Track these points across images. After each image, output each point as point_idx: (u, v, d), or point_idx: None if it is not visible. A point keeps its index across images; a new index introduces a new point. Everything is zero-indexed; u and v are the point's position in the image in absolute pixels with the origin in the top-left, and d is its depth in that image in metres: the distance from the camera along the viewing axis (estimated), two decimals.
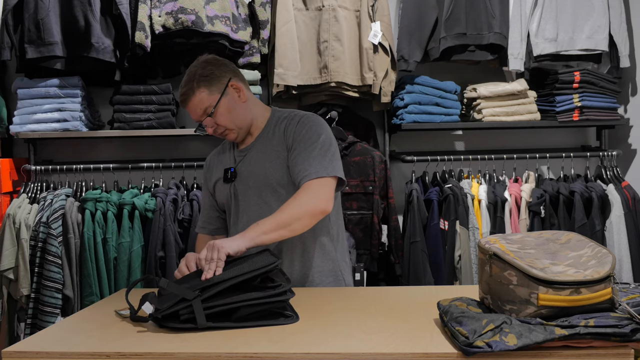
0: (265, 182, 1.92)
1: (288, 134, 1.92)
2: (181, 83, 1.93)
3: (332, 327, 1.46)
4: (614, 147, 3.26)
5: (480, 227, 2.92)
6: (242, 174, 1.97)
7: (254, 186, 1.94)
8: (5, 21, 2.84)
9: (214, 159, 2.10)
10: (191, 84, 1.88)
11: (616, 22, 3.13)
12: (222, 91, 1.90)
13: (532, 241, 1.46)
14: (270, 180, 1.92)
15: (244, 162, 1.98)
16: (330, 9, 2.98)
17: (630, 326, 1.22)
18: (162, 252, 2.74)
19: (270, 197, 1.92)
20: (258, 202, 1.93)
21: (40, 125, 2.93)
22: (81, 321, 1.61)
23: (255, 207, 1.93)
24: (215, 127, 1.93)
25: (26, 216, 2.76)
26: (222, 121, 1.91)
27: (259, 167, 1.94)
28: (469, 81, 3.22)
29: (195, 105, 1.89)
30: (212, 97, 1.89)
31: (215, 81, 1.90)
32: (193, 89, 1.88)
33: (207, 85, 1.88)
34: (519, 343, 1.20)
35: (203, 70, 1.90)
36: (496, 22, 3.07)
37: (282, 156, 1.92)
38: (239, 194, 1.96)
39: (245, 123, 1.96)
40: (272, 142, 1.95)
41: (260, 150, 1.96)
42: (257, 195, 1.93)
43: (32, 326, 2.69)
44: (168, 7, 2.80)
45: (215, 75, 1.90)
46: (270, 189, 1.92)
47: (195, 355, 1.29)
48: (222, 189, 2.01)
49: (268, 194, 1.92)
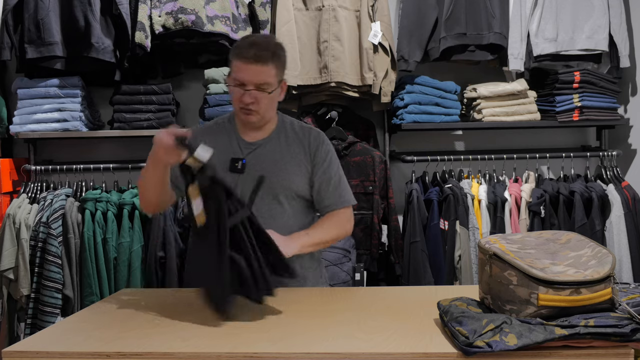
0: (278, 183, 1.92)
1: (314, 153, 1.97)
2: (254, 41, 1.91)
3: (332, 327, 1.46)
4: (614, 147, 3.25)
5: (480, 227, 2.92)
6: (253, 167, 1.93)
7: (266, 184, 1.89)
8: (5, 21, 2.84)
9: (206, 135, 1.96)
10: (269, 54, 1.85)
11: (616, 22, 3.13)
12: (279, 82, 1.92)
13: (532, 241, 1.46)
14: (287, 183, 1.93)
15: (254, 156, 1.95)
16: (330, 9, 2.98)
17: (630, 326, 1.22)
18: (162, 252, 2.74)
19: (273, 199, 1.92)
20: (263, 201, 1.89)
21: (40, 125, 2.93)
22: (81, 321, 1.60)
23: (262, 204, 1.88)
24: (253, 101, 1.87)
25: (26, 216, 2.76)
26: (264, 103, 1.89)
27: (276, 168, 1.93)
28: (469, 81, 3.22)
29: (262, 72, 1.85)
30: (274, 80, 1.88)
31: (282, 70, 1.92)
32: (270, 58, 1.85)
33: (277, 68, 1.89)
34: (519, 343, 1.20)
35: (279, 52, 1.90)
36: (496, 22, 3.07)
37: (304, 170, 1.95)
38: (247, 188, 1.88)
39: (270, 116, 1.97)
40: (291, 150, 1.96)
41: (277, 151, 1.96)
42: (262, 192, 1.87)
43: (32, 326, 2.69)
44: (168, 7, 2.80)
45: (283, 65, 1.93)
46: (282, 190, 1.93)
47: (195, 355, 1.29)
48: (223, 175, 1.92)
49: (271, 195, 1.91)
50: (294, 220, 1.94)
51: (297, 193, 1.96)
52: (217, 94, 2.95)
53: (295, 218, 1.95)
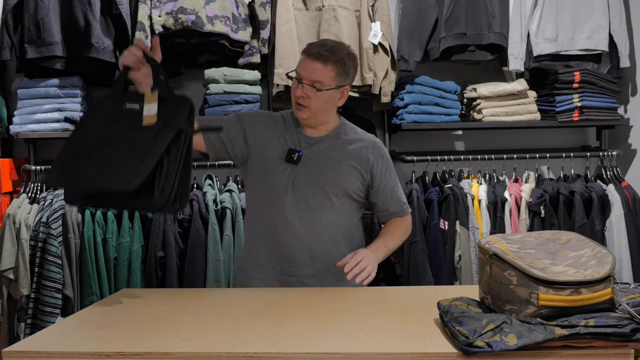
0: (329, 180, 1.99)
1: (373, 162, 2.04)
2: (325, 42, 2.03)
3: (332, 327, 1.46)
4: (614, 147, 3.25)
5: (480, 227, 2.92)
6: (308, 161, 2.00)
7: (315, 178, 1.99)
8: (5, 21, 2.84)
9: (269, 122, 2.08)
10: (332, 56, 1.94)
11: (616, 22, 3.13)
12: (337, 86, 1.98)
13: (532, 241, 1.46)
14: (338, 182, 1.99)
15: (311, 151, 2.01)
16: (330, 9, 2.98)
17: (630, 326, 1.22)
18: (162, 252, 2.74)
19: (323, 194, 1.99)
20: (314, 195, 1.98)
21: (40, 125, 2.93)
22: (81, 321, 1.60)
23: (312, 197, 1.99)
24: (303, 96, 1.95)
25: (26, 216, 2.76)
26: (316, 101, 1.96)
27: (330, 165, 1.99)
28: (469, 81, 3.22)
29: (318, 70, 1.93)
30: (330, 82, 1.95)
31: (342, 76, 1.98)
32: (331, 60, 1.94)
33: (337, 72, 1.96)
34: (519, 343, 1.20)
35: (346, 60, 1.98)
36: (496, 22, 3.07)
37: (357, 173, 2.02)
38: (300, 179, 1.99)
39: (323, 118, 2.03)
40: (347, 152, 2.02)
41: (333, 149, 2.02)
42: (314, 186, 1.99)
43: (32, 326, 2.69)
44: (168, 7, 2.80)
45: (346, 73, 1.99)
46: (332, 188, 1.99)
47: (195, 354, 1.29)
48: (278, 164, 2.00)
49: (321, 190, 1.99)
50: (341, 216, 2.03)
51: (347, 192, 2.02)
52: (217, 94, 2.95)
53: (343, 215, 2.03)
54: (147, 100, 1.66)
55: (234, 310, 1.66)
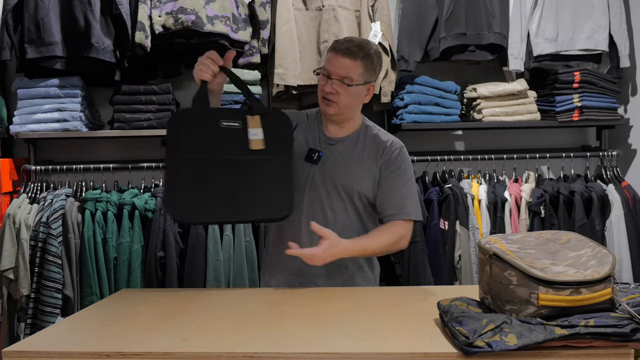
0: (343, 181, 2.00)
1: (386, 163, 2.02)
2: (352, 38, 2.01)
3: (332, 327, 1.46)
4: (614, 147, 3.25)
5: (480, 227, 2.92)
6: (327, 161, 2.01)
7: (330, 179, 2.00)
8: (5, 21, 2.84)
9: (298, 121, 2.08)
10: (361, 52, 1.95)
11: (616, 22, 3.13)
12: (365, 82, 1.99)
13: (532, 241, 1.46)
14: (351, 183, 2.00)
15: (330, 151, 2.03)
16: (330, 9, 2.98)
17: (630, 326, 1.22)
18: (162, 252, 2.74)
19: (337, 194, 2.00)
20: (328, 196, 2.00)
21: (40, 125, 2.93)
22: (81, 321, 1.61)
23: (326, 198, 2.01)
24: (333, 92, 1.96)
25: (26, 216, 2.76)
26: (345, 97, 1.96)
27: (346, 167, 2.00)
28: (469, 81, 3.22)
29: (347, 65, 1.94)
30: (359, 77, 1.96)
31: (370, 72, 1.99)
32: (360, 56, 1.94)
33: (366, 67, 1.97)
34: (519, 343, 1.20)
35: (374, 56, 1.99)
36: (496, 22, 3.07)
37: (371, 175, 2.01)
38: (317, 179, 2.01)
39: (350, 114, 2.03)
40: (364, 153, 2.03)
41: (350, 150, 2.03)
42: (329, 187, 2.00)
43: (32, 326, 2.69)
44: (168, 7, 2.80)
45: (373, 69, 2.00)
46: (345, 189, 2.00)
47: (195, 354, 1.29)
48: (299, 163, 2.01)
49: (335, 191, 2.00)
50: (355, 217, 2.03)
51: (360, 194, 2.02)
52: None
53: (356, 216, 2.03)
54: (251, 124, 1.81)
55: (234, 310, 1.66)
